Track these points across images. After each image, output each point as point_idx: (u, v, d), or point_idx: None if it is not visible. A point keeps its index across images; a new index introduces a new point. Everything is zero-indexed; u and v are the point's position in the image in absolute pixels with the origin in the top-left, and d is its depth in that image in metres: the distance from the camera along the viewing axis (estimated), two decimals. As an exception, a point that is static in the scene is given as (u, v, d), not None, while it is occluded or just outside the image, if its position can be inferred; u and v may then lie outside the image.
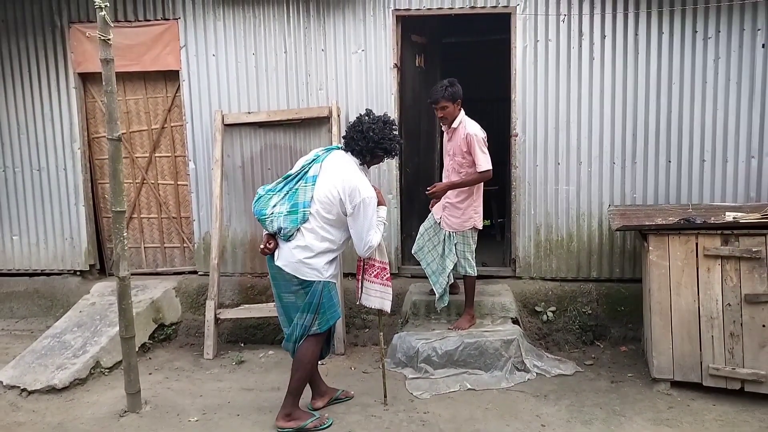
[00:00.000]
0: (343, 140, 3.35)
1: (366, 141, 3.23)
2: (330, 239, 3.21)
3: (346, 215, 3.18)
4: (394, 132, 3.33)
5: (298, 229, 3.16)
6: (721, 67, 4.50)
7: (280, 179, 3.32)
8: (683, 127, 4.59)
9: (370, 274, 3.39)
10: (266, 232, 3.27)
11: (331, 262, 3.26)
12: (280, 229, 3.16)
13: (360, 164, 3.30)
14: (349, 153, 3.30)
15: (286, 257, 3.19)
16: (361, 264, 3.41)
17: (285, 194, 3.23)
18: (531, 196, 4.81)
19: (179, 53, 5.05)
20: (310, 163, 3.27)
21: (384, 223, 3.35)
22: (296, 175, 3.26)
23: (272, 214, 3.19)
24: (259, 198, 3.27)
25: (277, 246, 3.23)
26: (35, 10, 5.19)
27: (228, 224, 5.15)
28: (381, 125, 3.26)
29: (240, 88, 5.04)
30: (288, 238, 3.17)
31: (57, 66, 5.23)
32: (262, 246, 3.27)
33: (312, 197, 3.17)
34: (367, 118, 3.29)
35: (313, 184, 3.19)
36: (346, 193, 3.14)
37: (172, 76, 5.17)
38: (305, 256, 3.16)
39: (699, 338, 3.59)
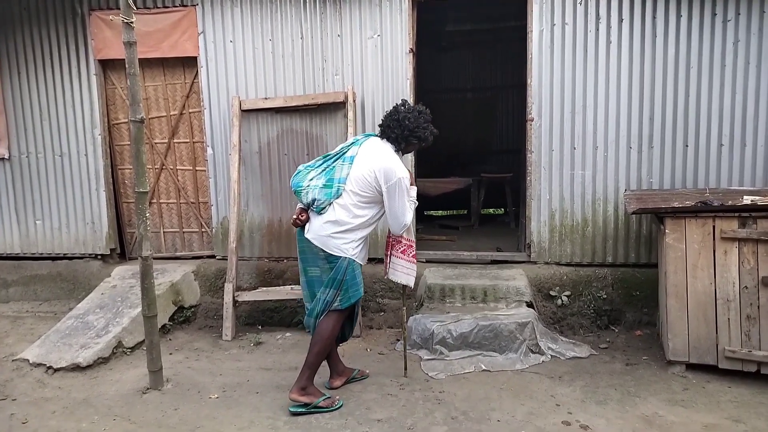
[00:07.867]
0: (379, 128, 3.48)
1: (401, 129, 3.37)
2: (360, 216, 3.31)
3: (381, 194, 3.29)
4: (429, 122, 3.46)
5: (331, 203, 3.27)
6: (741, 50, 4.46)
7: (319, 158, 3.49)
8: (701, 112, 4.56)
9: (398, 250, 3.52)
10: (299, 205, 3.41)
11: (358, 242, 3.35)
12: (314, 200, 3.28)
13: (395, 150, 3.43)
14: (385, 140, 3.43)
15: (316, 230, 3.30)
16: (390, 240, 3.53)
17: (322, 170, 3.37)
18: (546, 180, 4.81)
19: (197, 40, 5.11)
20: (348, 146, 3.44)
21: (415, 203, 3.45)
22: (335, 155, 3.43)
23: (308, 186, 3.33)
24: (298, 173, 3.43)
25: (308, 219, 3.34)
26: (56, -3, 5.29)
27: (245, 209, 5.22)
28: (416, 114, 3.41)
29: (257, 74, 5.09)
30: (320, 211, 3.28)
31: (78, 53, 5.31)
32: (294, 217, 3.38)
33: (348, 174, 3.29)
34: (402, 107, 3.43)
35: (350, 164, 3.32)
36: (383, 172, 3.26)
37: (190, 63, 5.23)
38: (334, 231, 3.27)
39: (715, 321, 3.60)
